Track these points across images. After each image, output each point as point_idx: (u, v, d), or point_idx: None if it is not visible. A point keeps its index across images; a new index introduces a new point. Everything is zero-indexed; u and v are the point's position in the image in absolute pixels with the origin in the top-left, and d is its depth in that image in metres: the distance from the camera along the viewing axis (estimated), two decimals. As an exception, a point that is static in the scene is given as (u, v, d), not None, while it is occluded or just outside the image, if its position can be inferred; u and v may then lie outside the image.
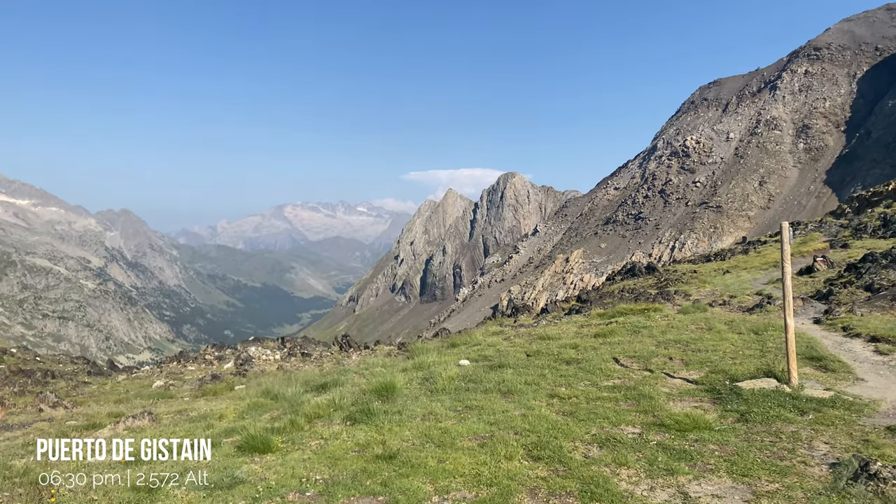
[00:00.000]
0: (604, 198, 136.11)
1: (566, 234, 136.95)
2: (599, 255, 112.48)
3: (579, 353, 10.24)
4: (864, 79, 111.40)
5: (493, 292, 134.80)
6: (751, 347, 9.64)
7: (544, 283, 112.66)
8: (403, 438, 6.36)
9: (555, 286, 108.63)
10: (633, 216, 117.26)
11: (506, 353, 11.02)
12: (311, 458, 6.06)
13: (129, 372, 19.29)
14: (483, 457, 5.75)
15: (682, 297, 17.28)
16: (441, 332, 23.26)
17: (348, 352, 19.02)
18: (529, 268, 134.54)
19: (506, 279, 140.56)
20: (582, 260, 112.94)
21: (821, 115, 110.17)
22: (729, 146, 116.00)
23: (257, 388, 11.26)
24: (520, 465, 5.57)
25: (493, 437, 6.22)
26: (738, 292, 17.17)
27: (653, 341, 10.73)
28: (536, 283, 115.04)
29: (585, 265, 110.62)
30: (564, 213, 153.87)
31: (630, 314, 14.30)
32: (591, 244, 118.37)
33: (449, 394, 8.06)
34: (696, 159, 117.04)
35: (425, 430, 6.57)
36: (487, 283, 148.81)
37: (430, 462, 5.68)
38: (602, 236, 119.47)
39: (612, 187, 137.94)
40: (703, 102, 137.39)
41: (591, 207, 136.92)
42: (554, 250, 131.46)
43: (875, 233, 25.31)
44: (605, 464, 5.48)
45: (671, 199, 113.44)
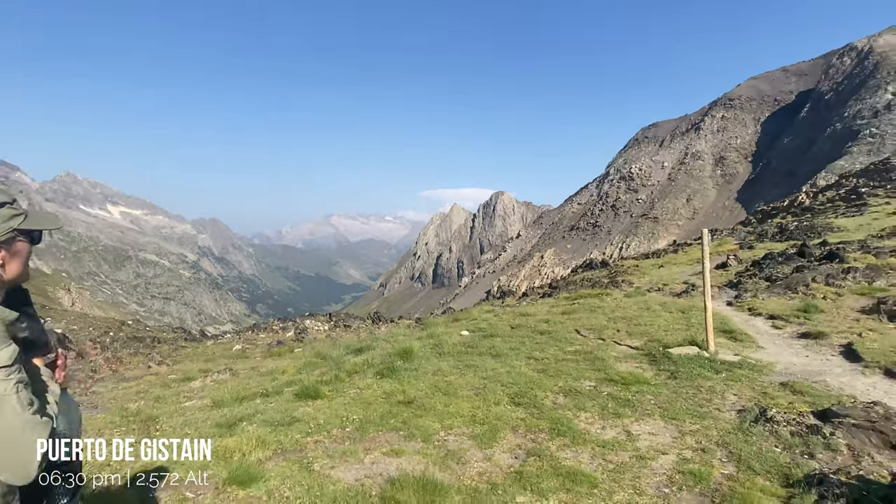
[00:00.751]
0: (570, 210, 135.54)
1: (541, 237, 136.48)
2: (566, 253, 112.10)
3: (550, 326, 10.23)
4: (766, 122, 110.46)
5: (487, 281, 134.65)
6: (679, 323, 9.57)
7: (525, 274, 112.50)
8: (419, 389, 6.37)
9: (533, 276, 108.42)
10: (591, 224, 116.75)
11: (496, 326, 11.02)
12: (350, 403, 6.08)
13: (216, 339, 19.38)
14: (478, 402, 5.75)
15: (627, 285, 17.21)
16: (448, 310, 23.25)
17: (379, 325, 19.02)
18: (514, 263, 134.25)
19: (496, 271, 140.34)
20: (553, 257, 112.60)
21: (734, 149, 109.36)
22: (664, 172, 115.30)
23: (311, 351, 11.31)
24: (505, 409, 5.57)
25: (486, 389, 6.22)
26: (670, 281, 17.06)
27: (605, 318, 10.70)
28: (519, 273, 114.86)
29: (556, 261, 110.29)
30: (540, 221, 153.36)
31: (588, 297, 14.26)
32: (561, 245, 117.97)
33: (453, 356, 8.07)
34: (640, 182, 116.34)
35: (435, 382, 6.57)
36: (483, 274, 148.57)
37: (439, 406, 5.69)
38: (568, 239, 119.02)
39: (575, 203, 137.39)
40: (645, 139, 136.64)
41: (561, 217, 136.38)
42: (532, 250, 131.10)
43: (773, 237, 25.13)
44: (569, 409, 5.47)
45: (620, 212, 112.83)
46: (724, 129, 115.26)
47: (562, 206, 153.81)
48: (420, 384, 6.54)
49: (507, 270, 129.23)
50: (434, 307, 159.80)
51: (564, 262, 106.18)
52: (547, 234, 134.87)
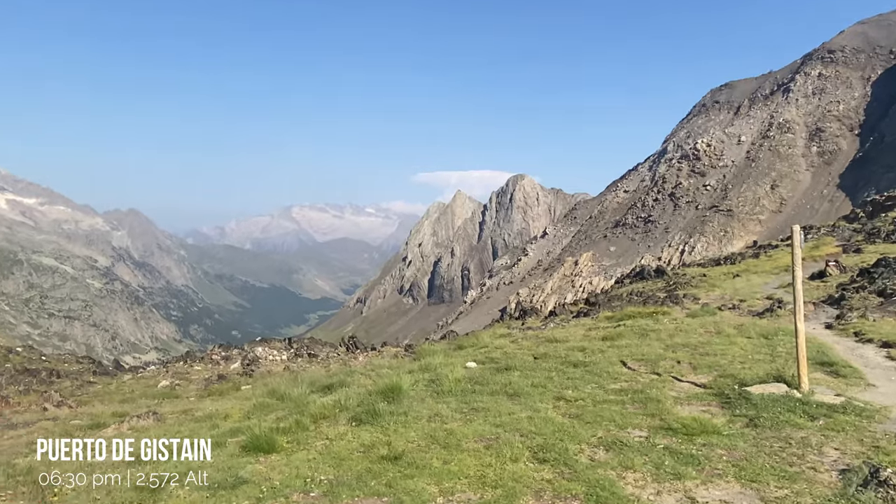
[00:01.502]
0: (613, 200, 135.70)
1: (575, 236, 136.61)
2: (609, 257, 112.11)
3: (587, 355, 10.22)
4: (878, 82, 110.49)
5: (502, 295, 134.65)
6: (760, 352, 9.59)
7: (553, 286, 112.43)
8: (409, 439, 6.36)
9: (563, 289, 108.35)
10: (642, 219, 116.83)
11: (513, 355, 11.01)
12: (316, 459, 6.07)
13: (135, 372, 19.41)
14: (488, 458, 5.73)
15: (691, 300, 17.20)
16: (448, 334, 23.27)
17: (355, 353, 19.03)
18: (538, 270, 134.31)
19: (514, 282, 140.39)
20: (591, 263, 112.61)
21: (834, 119, 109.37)
22: (740, 149, 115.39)
23: (263, 389, 11.30)
24: (525, 466, 5.56)
25: (499, 439, 6.21)
26: (749, 296, 17.06)
27: (661, 345, 10.69)
28: (545, 285, 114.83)
29: (594, 268, 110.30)
30: (574, 215, 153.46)
31: (638, 317, 14.25)
32: (601, 247, 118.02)
33: (455, 395, 8.06)
34: (707, 162, 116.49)
35: (431, 431, 6.56)
36: (496, 285, 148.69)
37: (435, 463, 5.68)
38: (611, 239, 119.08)
39: (621, 190, 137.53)
40: (715, 105, 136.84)
41: (601, 210, 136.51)
42: (563, 253, 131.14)
43: (889, 237, 25.09)
44: (611, 467, 5.46)
45: (681, 203, 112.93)
46: (821, 92, 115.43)
47: (602, 194, 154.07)
48: (411, 433, 6.54)
49: (529, 281, 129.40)
50: (430, 330, 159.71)
51: (606, 271, 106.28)
52: (583, 231, 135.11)
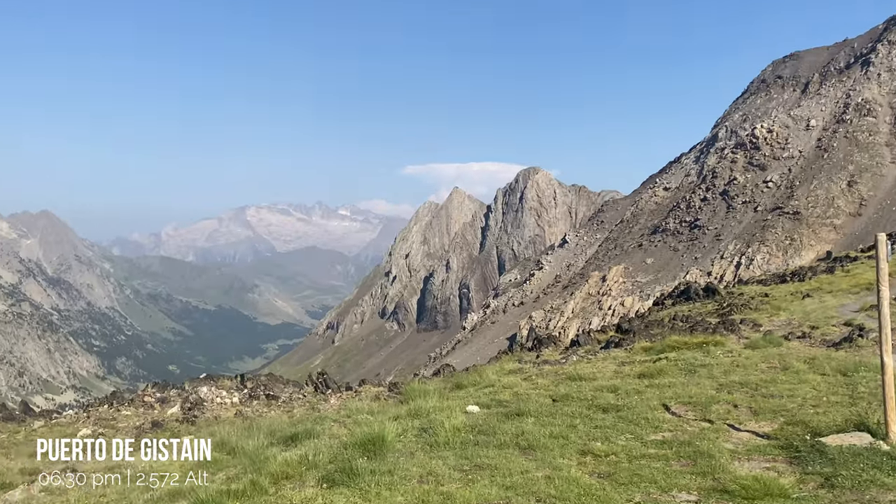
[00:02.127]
0: (650, 200, 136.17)
1: (603, 245, 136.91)
2: (645, 272, 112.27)
3: (619, 397, 10.22)
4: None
5: (510, 319, 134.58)
6: (837, 392, 9.61)
7: (575, 308, 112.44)
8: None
9: (588, 312, 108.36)
10: (687, 224, 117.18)
11: (526, 397, 11.01)
12: (278, 530, 6.04)
13: (48, 417, 19.32)
14: (496, 530, 5.72)
15: (749, 327, 17.25)
16: (443, 369, 23.22)
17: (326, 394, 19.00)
18: (556, 288, 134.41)
19: (526, 302, 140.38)
20: (622, 279, 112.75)
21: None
22: (809, 136, 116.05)
23: (211, 441, 11.24)
24: (543, 541, 5.55)
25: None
26: (822, 322, 17.11)
27: (713, 383, 10.72)
28: (565, 307, 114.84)
29: (627, 285, 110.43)
30: (600, 219, 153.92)
31: (684, 349, 14.31)
32: (635, 259, 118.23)
33: (453, 449, 8.04)
34: (769, 153, 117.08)
35: (423, 494, 6.54)
36: (502, 307, 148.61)
37: (429, 536, 5.66)
38: (648, 249, 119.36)
39: (660, 187, 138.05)
40: (777, 81, 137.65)
41: (635, 212, 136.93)
42: (587, 266, 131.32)
43: None
44: (653, 541, 5.45)
45: (736, 203, 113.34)
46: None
47: (637, 192, 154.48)
48: (397, 497, 6.52)
49: (545, 302, 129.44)
50: (420, 364, 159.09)
51: (642, 288, 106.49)
52: (612, 239, 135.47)
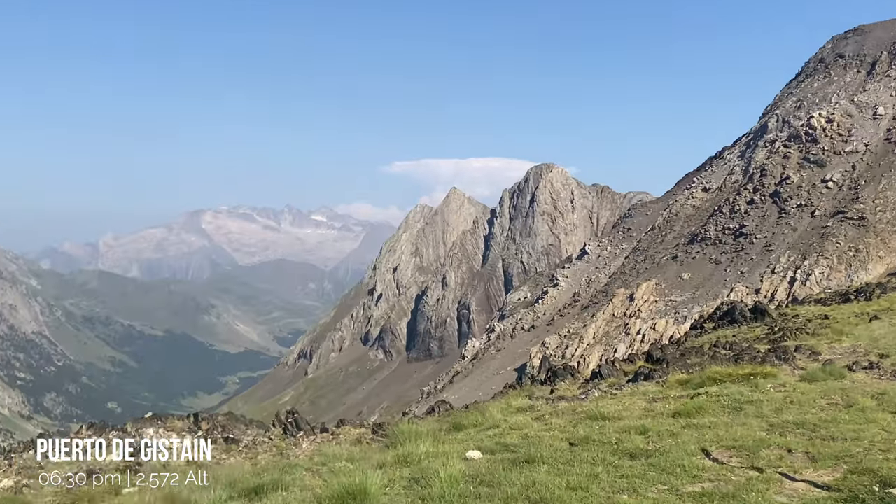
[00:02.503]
0: (687, 203, 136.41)
1: (630, 257, 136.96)
2: (680, 289, 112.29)
3: (650, 441, 10.21)
4: None
5: (519, 346, 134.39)
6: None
7: (597, 333, 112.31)
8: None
9: (612, 337, 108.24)
10: (731, 231, 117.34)
11: (538, 440, 10.99)
12: None
13: (-38, 465, 19.23)
14: None
15: (806, 355, 17.23)
16: (439, 406, 23.17)
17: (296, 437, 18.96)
18: (574, 309, 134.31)
19: (538, 326, 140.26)
20: (654, 297, 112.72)
21: None
22: (877, 126, 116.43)
23: (157, 493, 11.21)
24: None
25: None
26: (893, 349, 17.10)
27: (762, 424, 10.70)
28: (585, 332, 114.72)
29: (659, 305, 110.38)
30: (627, 225, 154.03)
31: (727, 382, 14.31)
32: (668, 273, 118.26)
33: (450, 503, 8.02)
34: (828, 146, 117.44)
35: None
36: (510, 331, 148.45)
37: None
38: (684, 262, 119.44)
39: (698, 187, 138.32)
40: (838, 61, 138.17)
41: (668, 218, 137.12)
42: (611, 282, 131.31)
43: None
44: None
45: (789, 207, 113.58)
46: None
47: (671, 194, 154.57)
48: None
49: (561, 325, 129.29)
50: (410, 400, 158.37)
51: (677, 309, 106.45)
52: (641, 250, 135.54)
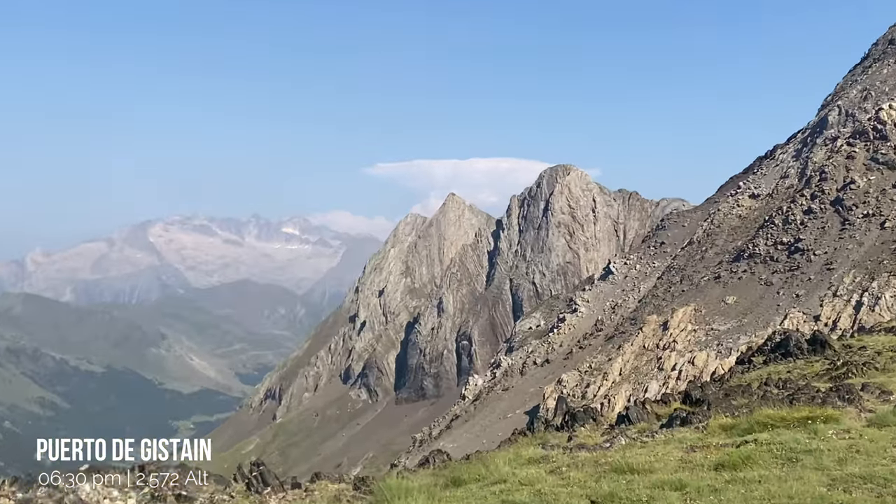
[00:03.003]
0: (731, 213, 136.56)
1: (664, 277, 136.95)
2: (724, 316, 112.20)
3: (688, 499, 10.19)
4: None
5: (530, 384, 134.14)
6: None
7: (624, 369, 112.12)
8: None
9: (643, 374, 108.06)
10: (784, 247, 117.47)
11: (553, 497, 10.97)
12: None
13: None
14: None
15: (875, 395, 17.18)
16: (434, 456, 23.08)
17: (263, 494, 18.91)
18: (596, 340, 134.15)
19: (553, 360, 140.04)
20: (692, 326, 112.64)
21: None
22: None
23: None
24: None
25: None
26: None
27: (823, 478, 10.67)
28: (609, 367, 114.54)
29: (698, 335, 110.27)
30: (660, 239, 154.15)
31: (780, 427, 14.27)
32: (710, 297, 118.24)
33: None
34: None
35: None
36: (519, 366, 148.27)
37: None
38: (729, 283, 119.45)
39: (745, 193, 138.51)
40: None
41: (710, 230, 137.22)
42: (641, 308, 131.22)
43: None
44: None
45: (854, 217, 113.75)
46: None
47: (712, 201, 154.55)
48: None
49: (580, 358, 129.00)
50: (400, 449, 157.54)
51: (720, 340, 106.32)
52: (677, 268, 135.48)
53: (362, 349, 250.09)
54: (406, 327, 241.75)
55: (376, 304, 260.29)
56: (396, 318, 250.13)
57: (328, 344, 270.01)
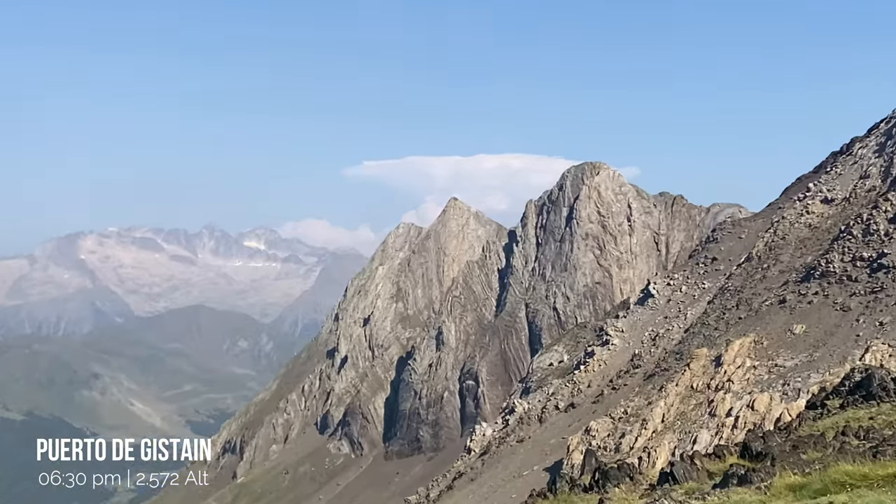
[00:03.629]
0: (800, 222, 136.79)
1: (716, 301, 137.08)
2: (791, 349, 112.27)
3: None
4: None
5: (551, 434, 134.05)
6: None
7: (667, 415, 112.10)
8: None
9: (691, 421, 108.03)
10: (865, 263, 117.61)
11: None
12: None
13: None
14: None
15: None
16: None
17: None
18: (633, 379, 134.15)
19: (580, 404, 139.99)
20: (751, 361, 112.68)
21: None
22: None
23: None
24: None
25: None
26: None
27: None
28: (650, 413, 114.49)
29: (759, 373, 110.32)
30: (711, 253, 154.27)
31: (863, 486, 14.24)
32: (773, 325, 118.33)
33: None
34: None
35: None
36: (537, 412, 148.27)
37: None
38: (796, 308, 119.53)
39: (817, 198, 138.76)
40: None
41: (772, 243, 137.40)
42: (688, 339, 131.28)
43: None
44: None
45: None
46: None
47: (775, 206, 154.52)
48: None
49: (614, 401, 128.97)
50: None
51: (786, 379, 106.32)
52: (732, 290, 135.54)
53: (343, 391, 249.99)
54: (397, 364, 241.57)
55: (360, 335, 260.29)
56: (385, 352, 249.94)
57: (301, 385, 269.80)
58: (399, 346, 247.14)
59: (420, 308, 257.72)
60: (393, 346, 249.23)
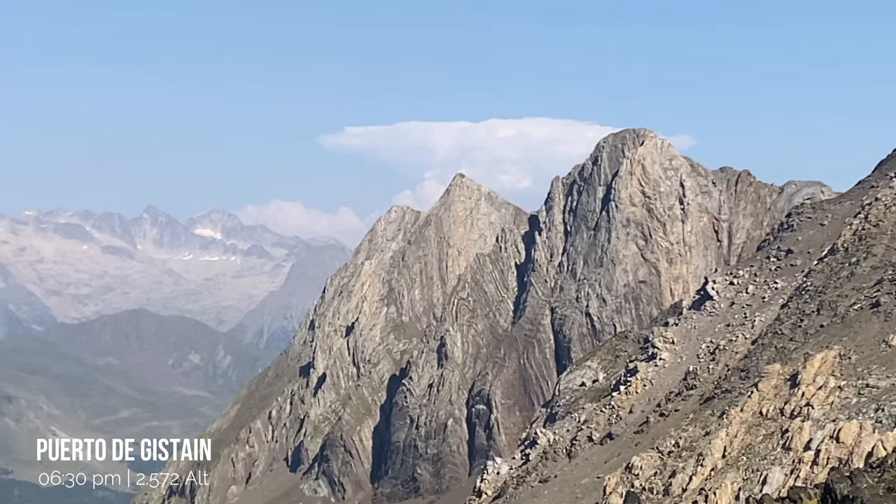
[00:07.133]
0: (895, 204, 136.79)
1: (791, 303, 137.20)
2: (886, 366, 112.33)
3: None
4: None
5: (583, 472, 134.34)
6: None
7: (730, 448, 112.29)
8: None
9: (760, 455, 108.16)
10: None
11: None
12: None
13: None
14: None
15: None
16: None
17: None
18: (688, 402, 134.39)
19: (620, 434, 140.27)
20: (836, 379, 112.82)
21: None
22: None
23: None
24: None
25: None
26: None
27: None
28: (708, 446, 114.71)
29: (846, 395, 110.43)
30: (785, 244, 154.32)
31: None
32: (863, 336, 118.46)
33: None
34: None
35: None
36: (567, 443, 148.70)
37: None
38: (894, 314, 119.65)
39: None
40: None
41: (862, 232, 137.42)
42: (756, 352, 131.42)
43: None
44: None
45: None
46: None
47: (865, 186, 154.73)
48: None
49: (663, 430, 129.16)
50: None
51: (879, 401, 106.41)
52: (812, 289, 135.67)
53: (321, 418, 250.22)
54: (389, 383, 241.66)
55: (342, 347, 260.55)
56: (374, 369, 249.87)
57: (267, 410, 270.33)
58: (391, 361, 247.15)
59: (417, 314, 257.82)
60: (383, 361, 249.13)
